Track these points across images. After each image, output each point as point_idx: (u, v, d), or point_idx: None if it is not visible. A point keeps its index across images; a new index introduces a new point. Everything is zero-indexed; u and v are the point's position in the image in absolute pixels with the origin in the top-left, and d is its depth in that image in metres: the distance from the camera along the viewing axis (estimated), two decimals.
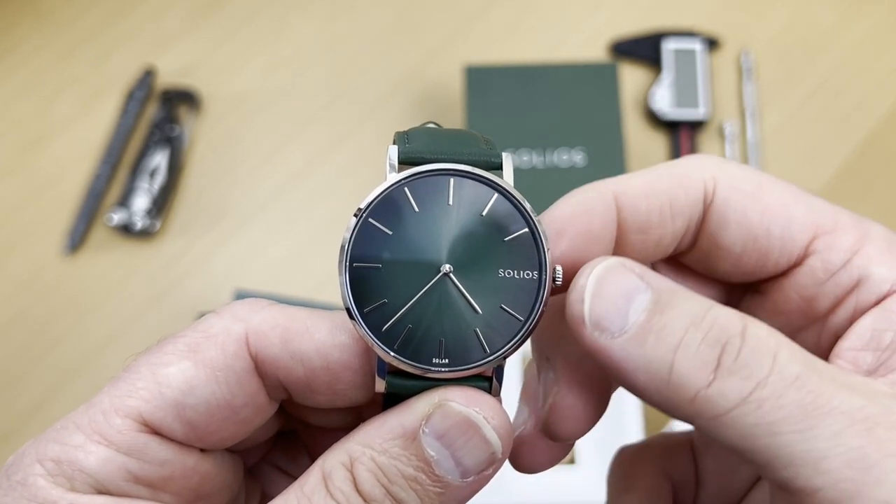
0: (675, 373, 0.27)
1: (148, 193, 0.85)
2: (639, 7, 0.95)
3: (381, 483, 0.28)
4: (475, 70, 0.86)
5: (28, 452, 0.29)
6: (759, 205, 0.31)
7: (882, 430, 0.25)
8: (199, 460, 0.31)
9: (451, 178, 0.30)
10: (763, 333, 0.27)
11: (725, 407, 0.26)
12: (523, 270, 0.30)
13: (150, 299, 0.83)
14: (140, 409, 0.29)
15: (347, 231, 0.29)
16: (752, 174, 0.32)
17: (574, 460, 0.70)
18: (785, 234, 0.31)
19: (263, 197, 0.87)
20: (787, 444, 0.26)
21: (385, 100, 0.91)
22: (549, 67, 0.87)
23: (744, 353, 0.27)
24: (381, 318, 0.29)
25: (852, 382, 0.27)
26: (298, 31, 0.95)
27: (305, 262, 0.84)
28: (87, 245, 0.85)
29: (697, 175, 0.32)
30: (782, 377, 0.26)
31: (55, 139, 0.89)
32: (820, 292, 0.31)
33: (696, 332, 0.27)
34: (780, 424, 0.26)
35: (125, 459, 0.29)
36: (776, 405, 0.26)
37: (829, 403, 0.26)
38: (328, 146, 0.89)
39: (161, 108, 0.89)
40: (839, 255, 0.31)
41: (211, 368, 0.30)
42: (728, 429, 0.27)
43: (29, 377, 0.79)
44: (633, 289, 0.28)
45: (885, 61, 0.92)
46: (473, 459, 0.28)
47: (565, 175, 0.81)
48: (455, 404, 0.28)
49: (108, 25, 0.95)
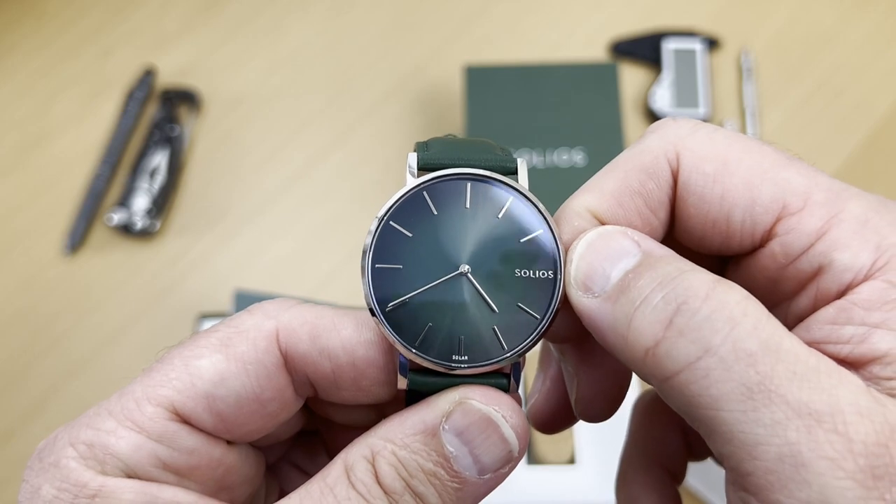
0: (631, 329, 0.27)
1: (148, 193, 0.85)
2: (639, 7, 0.95)
3: (402, 476, 0.29)
4: (475, 70, 0.86)
5: (61, 436, 0.30)
6: (720, 187, 0.30)
7: (822, 431, 0.24)
8: (225, 452, 0.32)
9: (469, 182, 0.31)
10: (731, 300, 0.26)
11: (672, 369, 0.26)
12: (539, 270, 0.31)
13: (150, 299, 0.83)
14: (172, 398, 0.30)
15: (369, 234, 0.31)
16: (718, 149, 0.30)
17: (574, 460, 0.70)
18: (746, 217, 0.30)
19: (263, 197, 0.87)
20: (726, 422, 0.25)
21: (385, 100, 0.91)
22: (549, 67, 0.87)
23: (700, 315, 0.26)
24: (403, 317, 0.30)
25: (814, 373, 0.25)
26: (298, 32, 0.95)
27: (305, 261, 0.84)
28: (87, 245, 0.85)
29: (662, 157, 0.31)
30: (734, 349, 0.25)
31: (55, 139, 0.89)
32: (782, 276, 0.30)
33: (660, 289, 0.27)
34: (723, 400, 0.25)
35: (155, 446, 0.29)
36: (721, 377, 0.25)
37: (776, 390, 0.25)
38: (328, 146, 0.89)
39: (161, 108, 0.89)
40: (801, 240, 0.29)
41: (242, 362, 0.30)
42: (674, 393, 0.26)
43: (29, 377, 0.79)
44: (621, 252, 0.29)
45: (885, 61, 0.92)
46: (491, 457, 0.29)
47: (565, 175, 0.81)
48: (476, 402, 0.29)
49: (108, 25, 0.95)
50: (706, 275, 0.27)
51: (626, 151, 0.32)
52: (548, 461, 0.70)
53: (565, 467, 0.70)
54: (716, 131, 0.31)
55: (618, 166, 0.32)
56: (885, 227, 0.28)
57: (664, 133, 0.31)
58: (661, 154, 0.31)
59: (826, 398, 0.25)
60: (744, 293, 0.27)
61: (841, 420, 0.24)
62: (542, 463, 0.70)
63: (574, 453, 0.70)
